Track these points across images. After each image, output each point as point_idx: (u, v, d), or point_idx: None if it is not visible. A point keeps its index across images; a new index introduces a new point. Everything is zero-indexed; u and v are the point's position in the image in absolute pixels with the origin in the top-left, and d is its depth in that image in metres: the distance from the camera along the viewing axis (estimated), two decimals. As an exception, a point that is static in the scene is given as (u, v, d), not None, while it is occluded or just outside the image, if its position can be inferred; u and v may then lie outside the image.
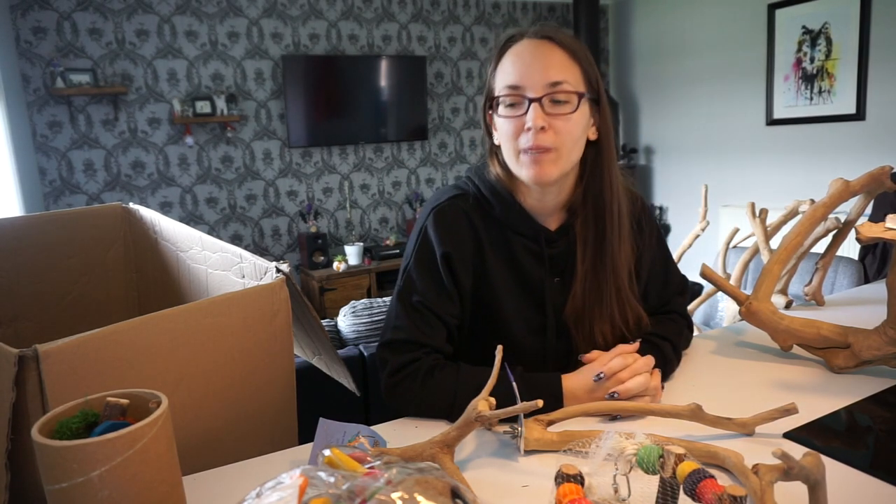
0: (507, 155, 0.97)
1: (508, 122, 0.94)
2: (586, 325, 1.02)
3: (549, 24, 0.96)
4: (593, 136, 0.99)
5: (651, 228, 1.11)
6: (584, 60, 0.95)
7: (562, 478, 0.60)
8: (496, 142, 1.00)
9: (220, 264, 1.09)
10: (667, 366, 1.00)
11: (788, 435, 0.81)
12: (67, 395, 0.64)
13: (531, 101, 0.91)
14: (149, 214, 1.33)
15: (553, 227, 1.03)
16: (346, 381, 1.12)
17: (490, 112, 1.00)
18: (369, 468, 0.52)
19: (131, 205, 1.38)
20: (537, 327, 1.03)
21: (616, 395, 0.89)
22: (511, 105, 0.93)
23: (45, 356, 0.66)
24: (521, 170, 0.95)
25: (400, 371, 0.94)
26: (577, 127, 0.93)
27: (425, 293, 0.97)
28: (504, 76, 0.94)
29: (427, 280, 0.98)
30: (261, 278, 0.97)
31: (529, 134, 0.91)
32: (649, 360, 0.94)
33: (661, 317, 1.10)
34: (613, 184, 0.99)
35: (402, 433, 0.87)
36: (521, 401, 0.75)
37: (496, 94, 0.96)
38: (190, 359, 0.80)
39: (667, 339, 1.03)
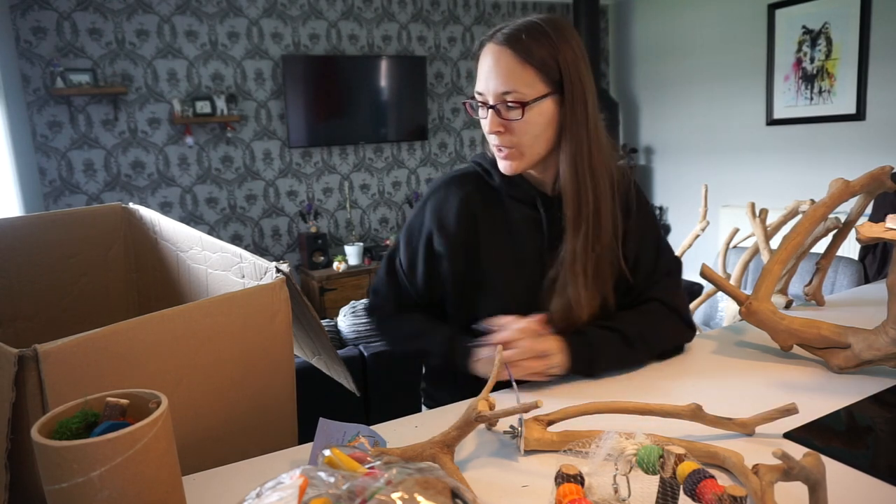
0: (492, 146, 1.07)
1: (482, 122, 1.04)
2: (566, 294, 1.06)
3: (522, 22, 0.99)
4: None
5: (640, 207, 1.11)
6: (544, 56, 0.96)
7: (562, 478, 0.60)
8: None
9: (220, 264, 1.09)
10: (595, 354, 1.00)
11: (788, 435, 0.81)
12: (67, 395, 0.64)
13: (489, 107, 1.00)
14: (149, 214, 1.33)
15: (550, 193, 1.08)
16: (346, 381, 1.13)
17: None
18: (369, 468, 0.53)
19: (131, 205, 1.38)
20: (530, 299, 1.06)
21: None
22: (481, 106, 1.02)
23: (45, 356, 0.66)
24: (497, 160, 1.05)
25: (377, 301, 1.17)
26: (532, 126, 0.99)
27: (402, 261, 1.12)
28: (477, 80, 1.03)
29: (407, 251, 1.12)
30: (261, 278, 0.97)
31: (493, 135, 1.01)
32: (537, 342, 0.97)
33: (639, 308, 1.09)
34: (580, 177, 1.00)
35: (402, 433, 0.87)
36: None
37: (473, 94, 1.05)
38: (190, 358, 0.80)
39: (614, 330, 1.03)
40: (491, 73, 0.98)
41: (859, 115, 3.77)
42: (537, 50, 0.96)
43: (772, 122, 4.24)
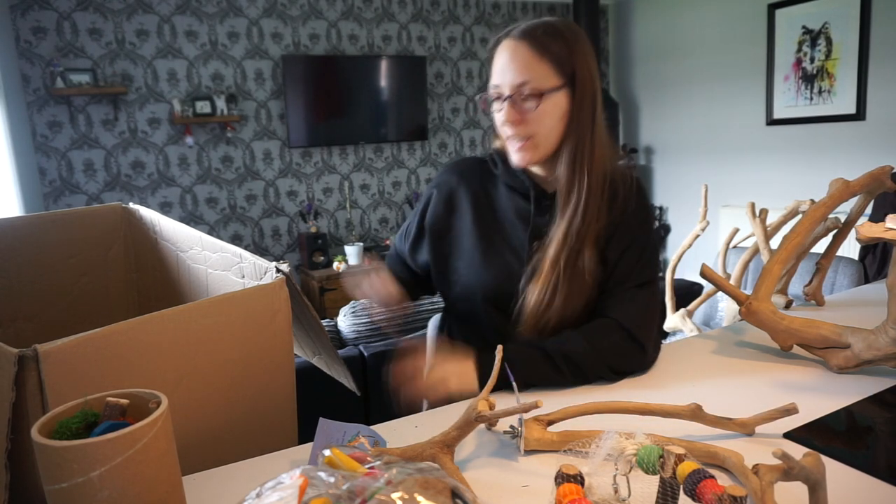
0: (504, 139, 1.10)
1: (496, 115, 1.07)
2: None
3: (536, 21, 1.06)
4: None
5: (638, 211, 1.08)
6: (557, 50, 1.00)
7: (562, 478, 0.60)
8: None
9: (220, 264, 1.09)
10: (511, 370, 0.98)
11: (788, 435, 0.81)
12: (67, 395, 0.64)
13: (505, 98, 1.03)
14: (149, 214, 1.33)
15: (549, 189, 1.10)
16: (347, 381, 1.13)
17: None
18: (369, 468, 0.53)
19: (131, 205, 1.38)
20: (501, 286, 1.08)
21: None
22: (496, 100, 1.05)
23: (45, 356, 0.66)
24: (510, 154, 1.07)
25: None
26: (547, 116, 1.02)
27: (408, 225, 1.24)
28: (492, 75, 1.06)
29: (414, 215, 1.22)
30: (261, 278, 0.97)
31: (508, 125, 1.03)
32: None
33: (590, 325, 1.04)
34: (577, 170, 1.03)
35: (402, 433, 0.87)
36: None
37: (488, 89, 1.07)
38: (190, 359, 0.80)
39: (537, 348, 1.00)
40: (508, 66, 1.01)
41: (859, 115, 3.77)
42: (552, 45, 1.00)
43: (772, 122, 4.24)
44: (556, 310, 1.04)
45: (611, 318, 1.04)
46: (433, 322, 1.48)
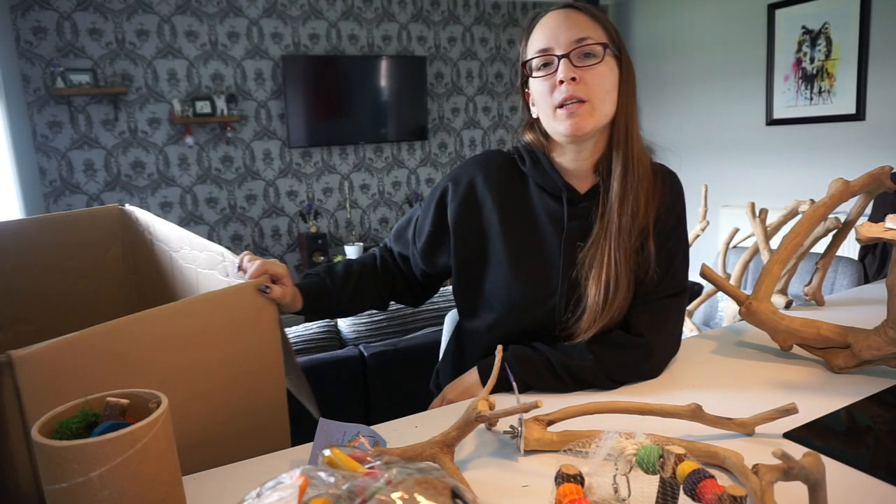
0: (544, 115, 1.00)
1: (542, 82, 0.98)
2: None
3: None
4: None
5: (676, 216, 1.05)
6: (606, 22, 1.00)
7: (562, 478, 0.60)
8: (535, 115, 1.04)
9: (208, 263, 1.08)
10: (515, 372, 0.95)
11: (788, 435, 0.81)
12: (46, 400, 0.63)
13: (560, 57, 0.95)
14: (143, 216, 1.32)
15: (582, 190, 1.03)
16: (310, 405, 1.05)
17: (527, 91, 1.05)
18: (369, 468, 0.53)
19: (127, 206, 1.38)
20: (536, 290, 1.02)
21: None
22: (543, 66, 0.98)
23: (20, 362, 0.64)
24: (558, 125, 0.97)
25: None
26: (605, 78, 0.97)
27: (419, 218, 1.12)
28: (534, 44, 0.99)
29: (423, 208, 1.12)
30: (243, 276, 0.95)
31: (562, 87, 0.95)
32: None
33: (604, 336, 1.01)
34: (631, 146, 1.00)
35: (402, 433, 0.87)
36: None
37: (528, 58, 1.00)
38: (172, 360, 0.79)
39: (538, 354, 0.99)
40: (561, 27, 0.97)
41: (859, 115, 3.77)
42: (602, 16, 1.00)
43: (772, 122, 4.24)
44: (619, 303, 0.99)
45: (640, 335, 1.00)
46: (450, 318, 1.46)
